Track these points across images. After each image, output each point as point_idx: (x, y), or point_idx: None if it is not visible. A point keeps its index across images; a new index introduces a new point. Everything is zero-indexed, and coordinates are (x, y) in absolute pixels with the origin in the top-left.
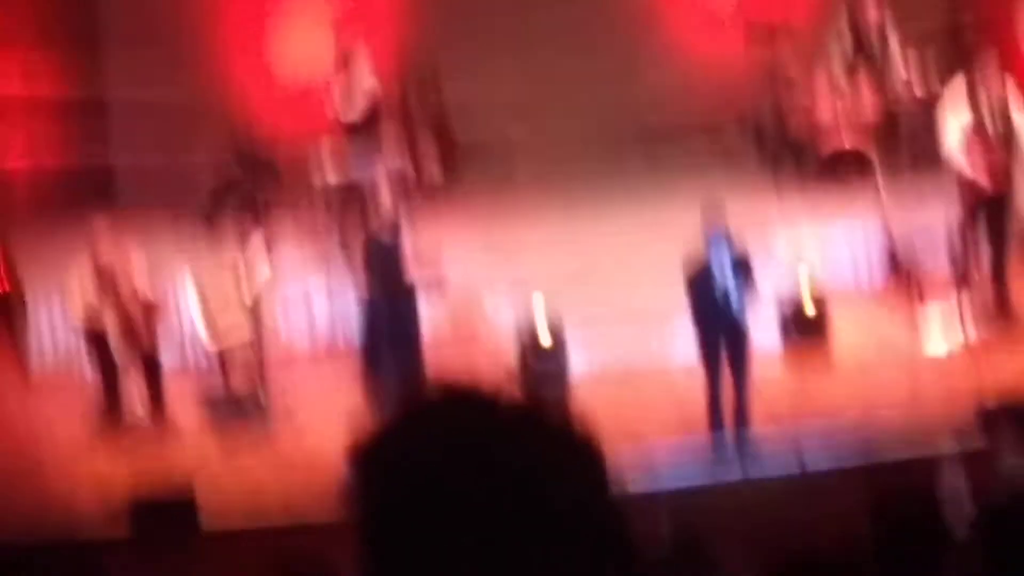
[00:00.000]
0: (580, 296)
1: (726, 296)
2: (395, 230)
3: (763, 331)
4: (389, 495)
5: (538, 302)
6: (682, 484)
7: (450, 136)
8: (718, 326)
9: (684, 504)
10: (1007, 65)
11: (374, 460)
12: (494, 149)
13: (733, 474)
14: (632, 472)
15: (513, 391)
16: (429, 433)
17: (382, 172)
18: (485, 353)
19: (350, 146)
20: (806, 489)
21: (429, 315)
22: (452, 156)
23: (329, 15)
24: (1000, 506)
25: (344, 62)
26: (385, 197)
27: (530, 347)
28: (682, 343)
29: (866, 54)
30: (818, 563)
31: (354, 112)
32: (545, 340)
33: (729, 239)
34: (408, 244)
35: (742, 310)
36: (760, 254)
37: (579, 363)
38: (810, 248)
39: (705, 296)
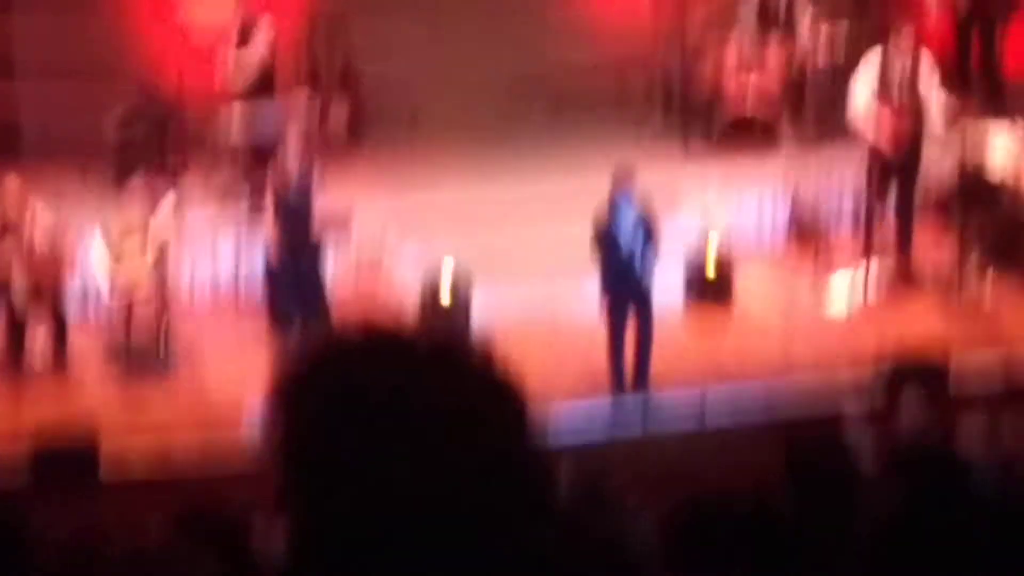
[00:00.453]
0: (485, 256)
1: (631, 257)
2: (302, 189)
3: (667, 292)
4: (313, 429)
5: (443, 261)
6: (583, 440)
7: (357, 97)
8: (622, 286)
9: (586, 458)
10: (920, 35)
11: (298, 393)
12: (401, 111)
13: (634, 431)
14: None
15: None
16: (353, 367)
17: (290, 133)
18: (387, 311)
19: (255, 107)
20: (708, 445)
21: (334, 273)
22: (359, 117)
23: None
24: (902, 458)
25: (242, 29)
26: (292, 157)
27: (431, 305)
28: (588, 303)
29: (775, 22)
30: (723, 508)
31: (245, 80)
32: (446, 299)
33: (635, 201)
34: (315, 203)
35: (646, 271)
36: (666, 217)
37: (483, 322)
38: (715, 212)
39: (610, 256)
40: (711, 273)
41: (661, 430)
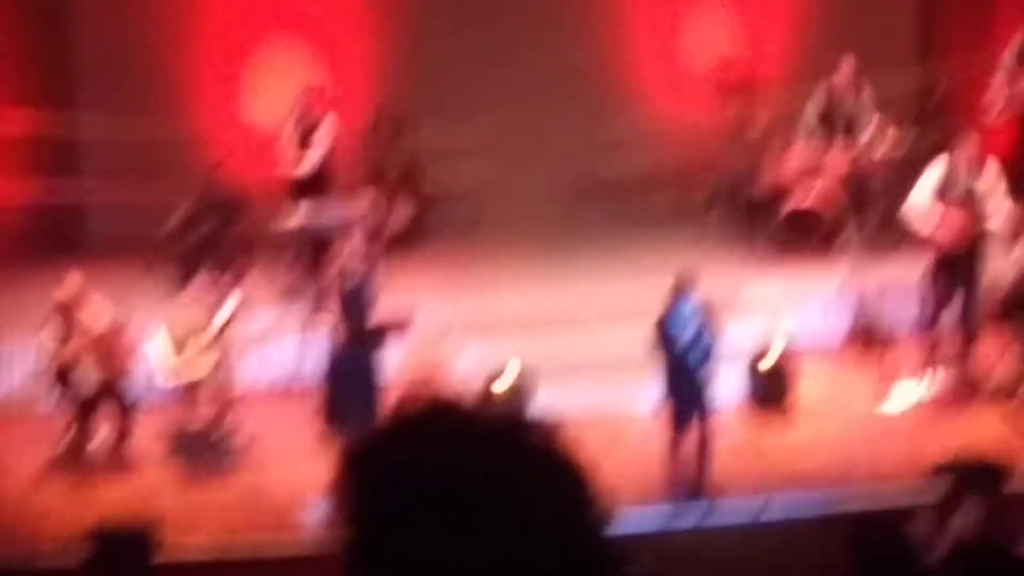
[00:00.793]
0: (545, 358)
1: (691, 361)
2: (364, 288)
3: (728, 387)
4: (379, 501)
5: (506, 363)
6: (643, 529)
7: (420, 196)
8: (683, 391)
9: (645, 547)
10: (985, 141)
11: (365, 465)
12: (461, 199)
13: (692, 521)
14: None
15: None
16: (419, 441)
17: (353, 231)
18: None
19: (318, 205)
20: (765, 537)
21: (395, 373)
22: (422, 216)
23: (300, 66)
24: (963, 553)
25: (306, 126)
26: (355, 255)
27: (491, 394)
28: (647, 393)
29: (839, 127)
30: None
31: (308, 178)
32: (506, 387)
33: (696, 305)
34: (376, 302)
35: (707, 375)
36: (728, 321)
37: (542, 411)
38: (775, 306)
39: (670, 361)
40: (775, 368)
41: (718, 523)
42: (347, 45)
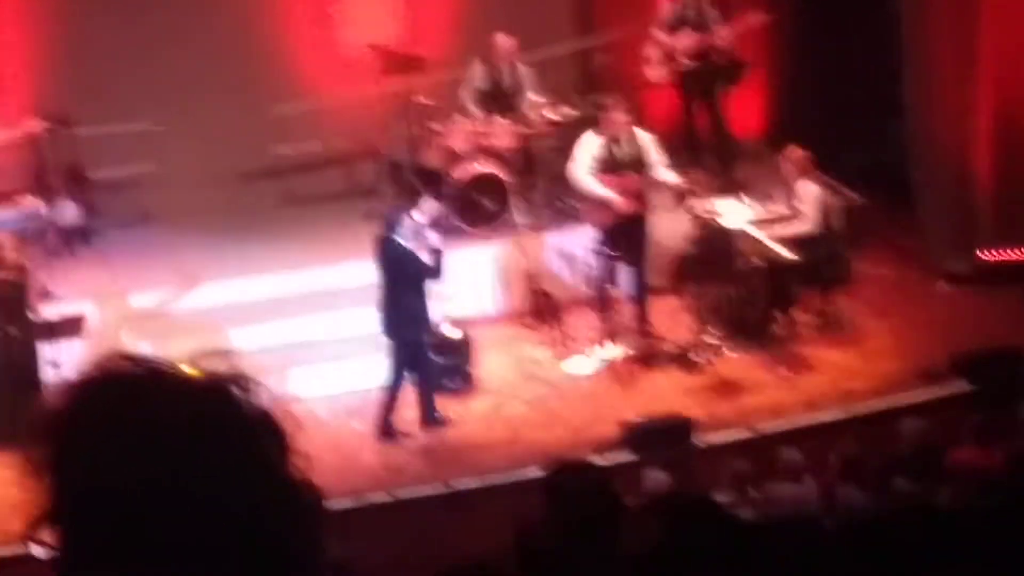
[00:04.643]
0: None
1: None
2: (22, 273)
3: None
4: (77, 449)
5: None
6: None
7: (86, 200)
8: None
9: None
10: (643, 110)
11: (65, 417)
12: (129, 193)
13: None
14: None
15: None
16: (113, 391)
17: (17, 221)
18: None
19: None
20: (457, 506)
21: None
22: (88, 220)
23: None
24: (656, 509)
25: None
26: (10, 244)
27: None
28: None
29: (498, 107)
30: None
31: None
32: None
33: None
34: (37, 286)
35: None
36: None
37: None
38: (449, 274)
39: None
40: (452, 335)
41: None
42: (2, 44)
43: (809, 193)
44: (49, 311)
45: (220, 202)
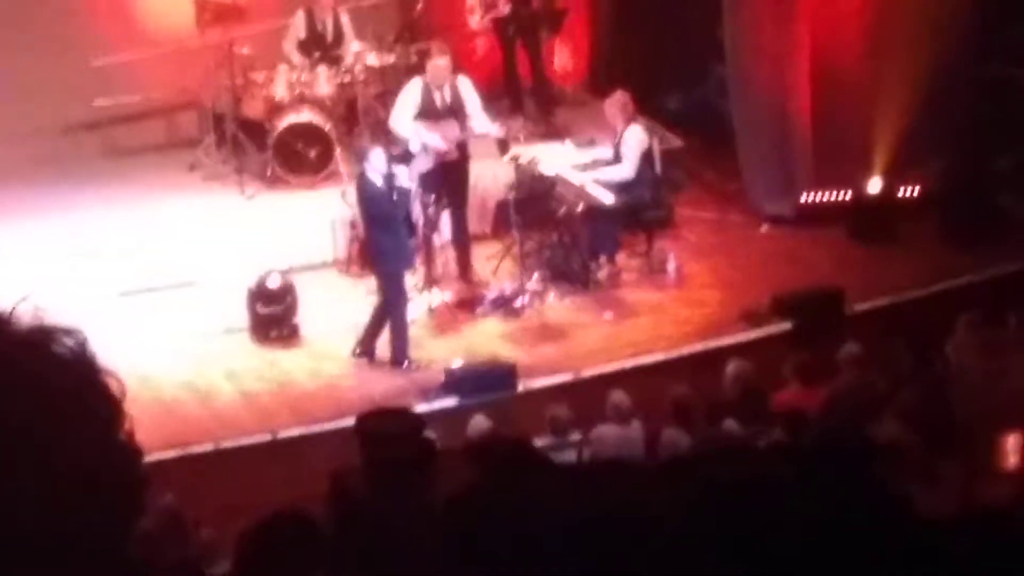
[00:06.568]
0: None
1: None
2: None
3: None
4: None
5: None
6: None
7: None
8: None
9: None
10: (463, 58)
11: None
12: None
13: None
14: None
15: None
16: None
17: None
18: None
19: None
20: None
21: None
22: None
23: None
24: (475, 455)
25: None
26: None
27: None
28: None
29: (321, 57)
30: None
31: None
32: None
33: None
34: None
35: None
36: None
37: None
38: (269, 222)
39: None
40: (272, 284)
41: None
42: None
43: (632, 137)
44: None
45: (41, 156)
